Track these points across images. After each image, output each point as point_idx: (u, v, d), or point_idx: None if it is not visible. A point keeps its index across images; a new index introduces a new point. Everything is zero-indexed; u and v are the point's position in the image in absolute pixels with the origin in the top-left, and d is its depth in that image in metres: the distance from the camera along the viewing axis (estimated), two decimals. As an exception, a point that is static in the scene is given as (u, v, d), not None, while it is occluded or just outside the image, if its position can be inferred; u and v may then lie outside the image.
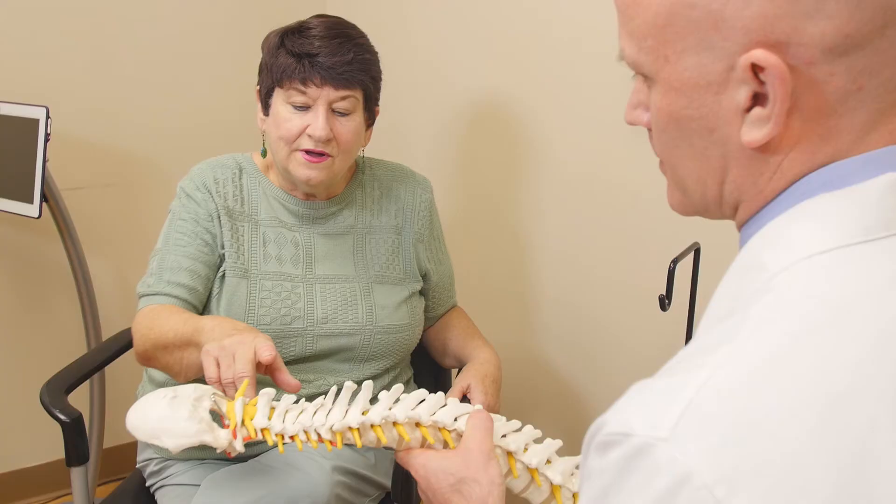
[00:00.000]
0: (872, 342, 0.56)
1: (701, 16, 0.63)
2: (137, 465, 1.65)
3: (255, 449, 1.52)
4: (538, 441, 1.02)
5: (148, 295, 1.52)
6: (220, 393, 1.06)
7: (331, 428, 1.00)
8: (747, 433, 0.54)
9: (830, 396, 0.54)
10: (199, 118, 2.45)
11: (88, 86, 2.28)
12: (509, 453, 1.00)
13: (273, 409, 1.04)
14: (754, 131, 0.64)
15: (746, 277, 0.64)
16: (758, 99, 0.64)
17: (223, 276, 1.53)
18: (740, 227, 0.72)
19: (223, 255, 1.54)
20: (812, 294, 0.59)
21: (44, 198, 1.94)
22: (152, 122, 2.38)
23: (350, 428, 1.00)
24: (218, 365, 1.18)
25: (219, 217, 1.54)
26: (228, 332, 1.24)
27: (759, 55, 0.61)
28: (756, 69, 0.62)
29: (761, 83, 0.62)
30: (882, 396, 0.54)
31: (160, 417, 1.02)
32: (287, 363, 1.53)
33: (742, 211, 0.70)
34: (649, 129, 0.74)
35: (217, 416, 1.05)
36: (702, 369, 0.57)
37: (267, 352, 1.17)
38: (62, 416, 1.48)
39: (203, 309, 1.54)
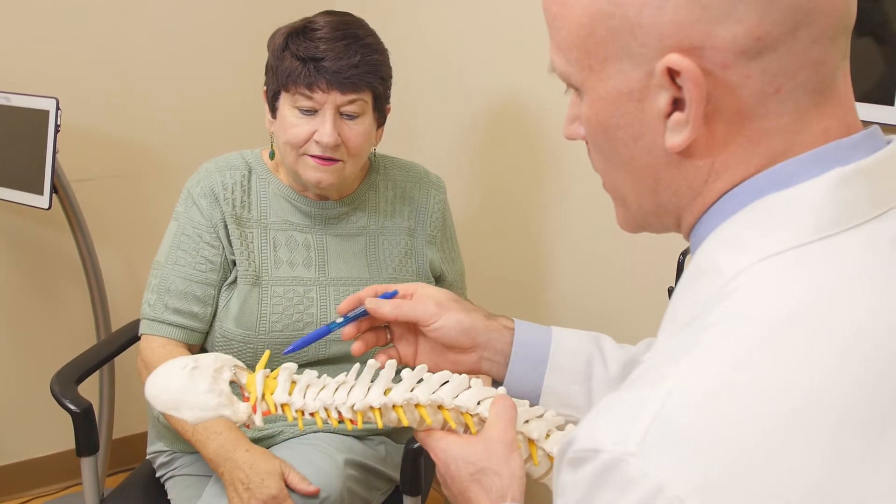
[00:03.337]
0: (835, 344, 0.56)
1: (618, 24, 0.64)
2: (147, 457, 1.65)
3: (267, 442, 1.52)
4: (560, 427, 1.01)
5: (150, 320, 1.53)
6: (241, 364, 1.04)
7: (352, 407, 0.99)
8: (716, 442, 0.54)
9: (795, 403, 0.54)
10: (208, 111, 2.45)
11: (98, 78, 2.28)
12: (531, 441, 0.99)
13: (294, 383, 1.03)
14: (675, 136, 0.64)
15: (703, 281, 0.64)
16: (678, 104, 0.64)
17: (234, 281, 1.53)
18: (688, 234, 0.71)
19: (233, 261, 1.53)
20: (769, 299, 0.59)
21: (53, 189, 1.94)
22: (162, 115, 2.38)
23: (371, 407, 0.99)
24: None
25: (225, 226, 1.53)
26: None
27: (674, 59, 0.61)
28: (672, 74, 0.62)
29: (679, 88, 0.63)
30: (847, 401, 0.54)
31: (180, 388, 1.00)
32: (299, 366, 1.53)
33: (687, 217, 0.70)
34: (588, 144, 0.74)
35: (237, 388, 1.04)
36: (666, 381, 0.57)
37: None
38: (73, 407, 1.49)
39: (212, 318, 1.55)
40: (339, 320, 1.05)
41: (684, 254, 1.45)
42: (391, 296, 1.04)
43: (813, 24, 0.61)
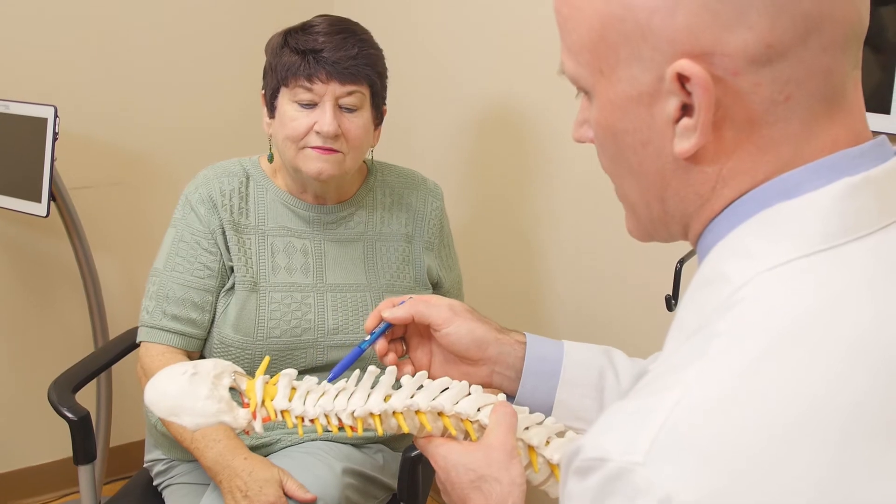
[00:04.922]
0: (840, 352, 0.57)
1: (630, 28, 0.64)
2: (144, 465, 1.65)
3: (265, 450, 1.52)
4: (560, 434, 1.01)
5: (149, 327, 1.53)
6: (240, 370, 1.04)
7: (352, 413, 0.99)
8: (722, 451, 0.54)
9: (801, 410, 0.54)
10: (206, 118, 2.45)
11: (96, 85, 2.28)
12: (531, 447, 0.99)
13: (294, 389, 1.03)
14: (683, 142, 0.64)
15: (710, 290, 0.64)
16: (687, 110, 0.64)
17: (232, 287, 1.53)
18: (695, 241, 0.71)
19: (231, 267, 1.54)
20: (777, 307, 0.59)
21: (51, 197, 1.94)
22: (159, 122, 2.39)
23: (372, 414, 0.99)
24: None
25: (223, 233, 1.54)
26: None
27: (684, 65, 0.61)
28: (682, 79, 0.62)
29: (688, 94, 0.63)
30: (853, 409, 0.55)
31: (179, 394, 1.00)
32: (299, 373, 1.53)
33: (694, 224, 0.70)
34: (597, 147, 0.74)
35: (236, 394, 1.04)
36: (673, 389, 0.57)
37: None
38: (70, 415, 1.49)
39: (210, 325, 1.55)
40: (367, 339, 1.06)
41: (682, 261, 1.45)
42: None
43: (824, 32, 0.61)
